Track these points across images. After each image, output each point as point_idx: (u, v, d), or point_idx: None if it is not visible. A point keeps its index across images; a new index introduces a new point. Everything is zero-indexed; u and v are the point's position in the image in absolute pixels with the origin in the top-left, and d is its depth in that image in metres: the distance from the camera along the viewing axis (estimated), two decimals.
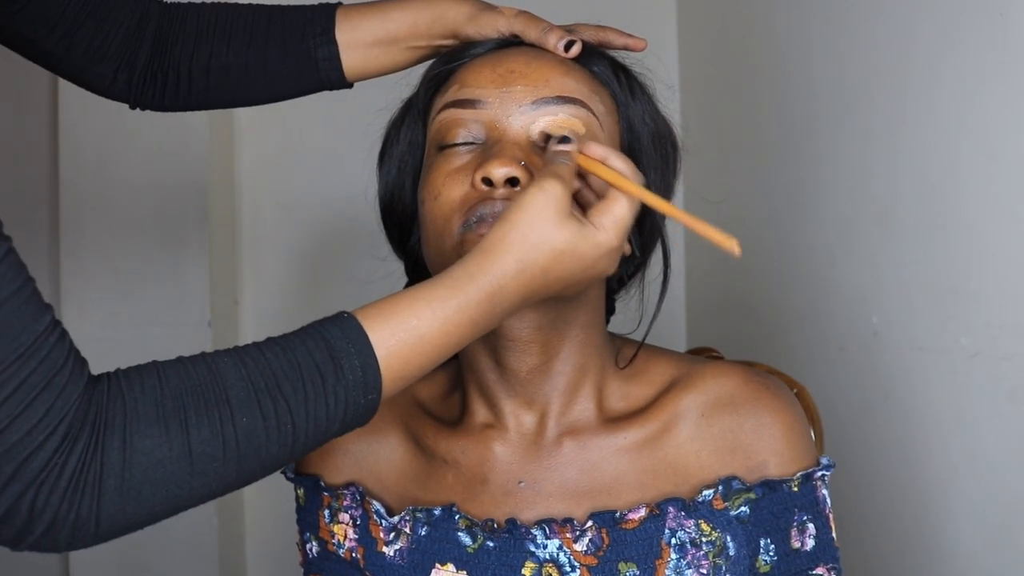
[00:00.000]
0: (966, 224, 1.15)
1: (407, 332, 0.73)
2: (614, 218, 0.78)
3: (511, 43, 0.94)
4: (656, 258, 0.95)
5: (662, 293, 0.91)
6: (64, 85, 1.84)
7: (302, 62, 1.02)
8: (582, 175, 0.82)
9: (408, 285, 0.98)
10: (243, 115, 1.98)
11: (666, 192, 0.95)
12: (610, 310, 1.02)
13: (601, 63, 0.93)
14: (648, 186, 0.83)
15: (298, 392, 0.70)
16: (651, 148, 0.93)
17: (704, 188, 1.72)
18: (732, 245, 0.76)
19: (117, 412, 0.66)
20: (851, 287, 1.38)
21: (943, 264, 1.19)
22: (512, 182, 0.83)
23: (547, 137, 0.86)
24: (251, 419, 0.69)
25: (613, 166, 0.80)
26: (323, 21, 1.02)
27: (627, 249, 0.88)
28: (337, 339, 0.72)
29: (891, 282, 1.29)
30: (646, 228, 0.93)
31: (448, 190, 0.86)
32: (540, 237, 0.76)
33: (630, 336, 0.96)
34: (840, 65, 1.41)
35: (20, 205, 1.88)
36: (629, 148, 0.92)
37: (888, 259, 1.29)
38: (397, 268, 1.93)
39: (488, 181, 0.83)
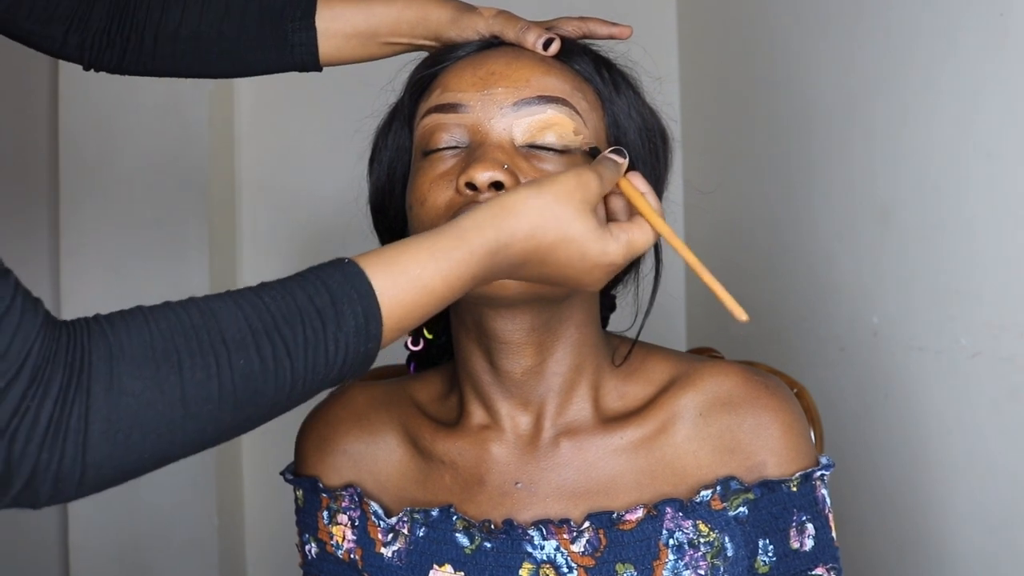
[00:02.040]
0: (967, 224, 1.15)
1: (410, 281, 0.71)
2: (630, 239, 0.78)
3: (494, 44, 0.93)
4: (649, 254, 0.95)
5: (654, 290, 0.91)
6: (64, 83, 1.84)
7: (278, 43, 1.00)
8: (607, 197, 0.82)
9: None
10: (243, 115, 1.98)
11: (657, 185, 0.94)
12: (611, 307, 1.01)
13: (583, 59, 0.92)
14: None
15: (297, 336, 0.67)
16: (638, 142, 0.92)
17: (704, 186, 1.72)
18: (740, 313, 0.76)
19: (101, 353, 0.62)
20: (851, 287, 1.38)
21: (943, 264, 1.18)
22: (496, 186, 0.83)
23: (595, 151, 0.86)
24: (248, 361, 0.65)
25: (651, 203, 0.80)
26: (304, 3, 1.00)
27: None
28: (339, 284, 0.69)
29: (891, 282, 1.29)
30: None
31: (433, 196, 0.85)
32: (559, 215, 0.75)
33: (626, 333, 0.96)
34: (841, 64, 1.41)
35: (20, 204, 1.88)
36: (615, 143, 0.91)
37: (888, 259, 1.29)
38: None
39: (471, 185, 0.83)
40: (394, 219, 0.96)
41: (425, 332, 0.99)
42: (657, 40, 1.95)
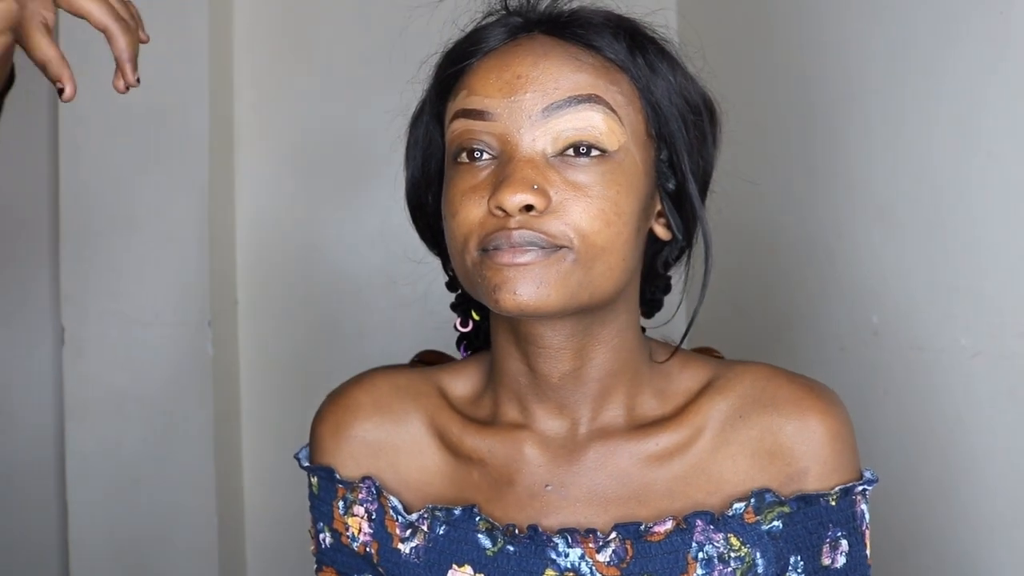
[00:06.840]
0: (967, 223, 1.15)
1: None
2: None
3: (518, 33, 0.87)
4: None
5: (703, 288, 0.86)
6: None
7: None
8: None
9: (448, 284, 0.96)
10: (243, 114, 1.98)
11: (707, 169, 0.88)
12: (666, 289, 0.97)
13: (615, 45, 0.85)
14: (688, 167, 0.81)
15: None
16: (683, 129, 0.86)
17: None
18: None
19: None
20: (851, 286, 1.38)
21: (944, 263, 1.19)
22: (527, 208, 0.79)
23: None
24: None
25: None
26: None
27: (666, 234, 0.86)
28: None
29: (891, 281, 1.29)
30: (686, 212, 0.87)
31: (466, 210, 0.82)
32: None
33: (660, 328, 0.93)
34: (840, 63, 1.41)
35: (21, 206, 1.89)
36: (657, 135, 0.86)
37: (889, 258, 1.29)
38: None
39: (502, 208, 0.79)
40: (432, 215, 0.92)
41: (473, 313, 0.96)
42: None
